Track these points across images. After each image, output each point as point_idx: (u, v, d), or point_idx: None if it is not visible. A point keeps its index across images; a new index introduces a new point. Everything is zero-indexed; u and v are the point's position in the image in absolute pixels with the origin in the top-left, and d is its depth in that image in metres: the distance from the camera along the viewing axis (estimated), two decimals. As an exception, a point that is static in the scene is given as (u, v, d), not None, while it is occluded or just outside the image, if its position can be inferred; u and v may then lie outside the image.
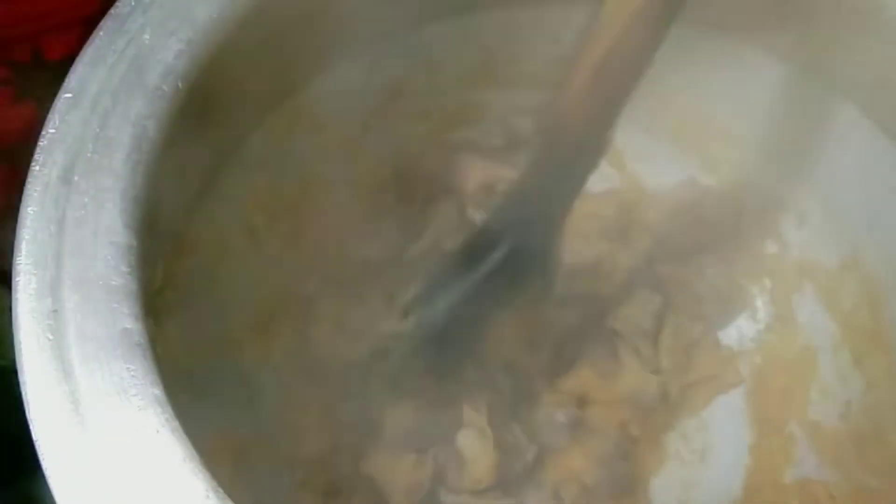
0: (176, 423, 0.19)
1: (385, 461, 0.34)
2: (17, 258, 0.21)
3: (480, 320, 0.35)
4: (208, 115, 0.28)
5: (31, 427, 0.19)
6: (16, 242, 0.21)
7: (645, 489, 0.37)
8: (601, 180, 0.41)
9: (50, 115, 0.23)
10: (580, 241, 0.39)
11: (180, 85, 0.25)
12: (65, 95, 0.23)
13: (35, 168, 0.22)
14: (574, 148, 0.30)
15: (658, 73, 0.28)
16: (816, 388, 0.37)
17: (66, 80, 0.24)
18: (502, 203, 0.34)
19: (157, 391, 0.20)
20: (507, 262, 0.32)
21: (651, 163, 0.41)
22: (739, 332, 0.39)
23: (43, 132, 0.23)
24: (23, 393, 0.19)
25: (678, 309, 0.39)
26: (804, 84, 0.35)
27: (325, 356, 0.36)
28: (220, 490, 0.19)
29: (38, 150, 0.22)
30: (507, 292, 0.34)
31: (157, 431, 0.19)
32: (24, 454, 0.18)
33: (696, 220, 0.39)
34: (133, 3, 0.25)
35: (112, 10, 0.25)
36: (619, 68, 0.28)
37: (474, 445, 0.33)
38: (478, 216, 0.39)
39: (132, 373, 0.20)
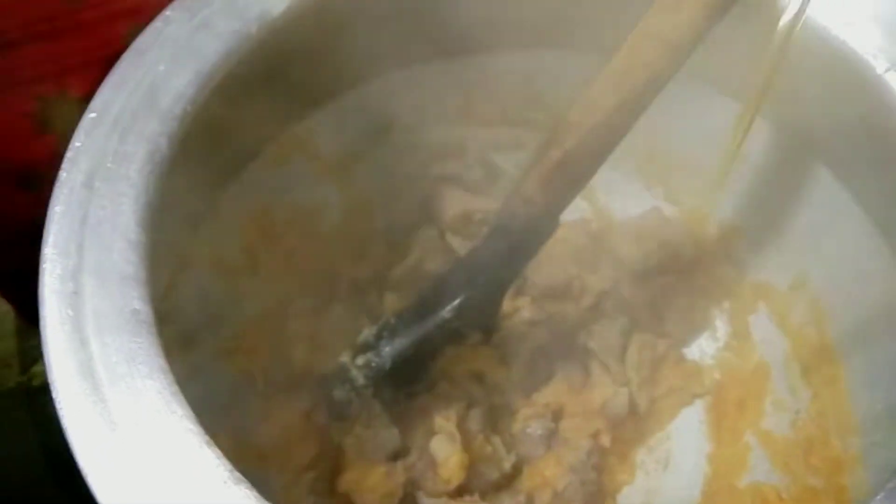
0: (175, 388, 0.23)
1: (358, 472, 0.37)
2: (45, 248, 0.24)
3: (434, 354, 0.38)
4: (213, 139, 0.32)
5: (51, 387, 0.22)
6: (44, 235, 0.25)
7: (613, 495, 0.40)
8: (573, 210, 0.44)
9: (76, 132, 0.27)
10: (553, 266, 0.42)
11: (189, 109, 0.29)
12: (90, 115, 0.27)
13: (62, 175, 0.26)
14: (528, 226, 0.34)
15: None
16: (770, 400, 0.39)
17: (92, 101, 0.28)
18: (462, 262, 0.38)
19: (161, 361, 0.23)
20: (461, 309, 0.36)
21: (619, 195, 0.44)
22: (701, 349, 0.42)
23: (70, 145, 0.26)
24: (45, 359, 0.23)
25: (644, 328, 0.42)
26: (756, 123, 0.39)
27: (301, 371, 0.39)
28: (213, 443, 0.22)
29: (65, 160, 0.26)
30: (458, 333, 0.38)
31: (160, 393, 0.22)
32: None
33: (659, 247, 0.43)
34: (151, 40, 0.29)
35: (133, 45, 0.29)
36: (577, 168, 0.33)
37: (444, 447, 0.36)
38: (456, 242, 0.43)
39: (139, 345, 0.23)
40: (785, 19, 0.31)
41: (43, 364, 0.41)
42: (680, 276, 0.42)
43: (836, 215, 0.37)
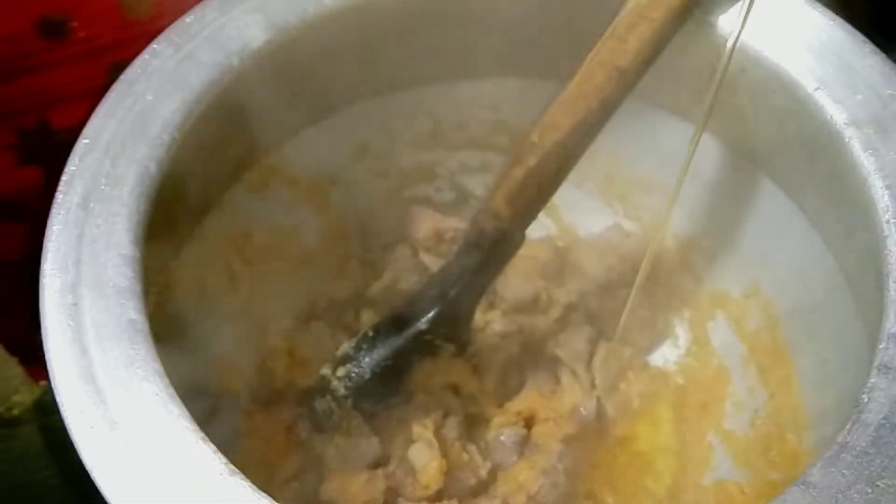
0: (172, 390, 0.24)
1: (341, 481, 0.38)
2: (45, 265, 0.26)
3: (410, 366, 0.40)
4: (197, 164, 0.34)
5: (55, 391, 0.24)
6: (43, 253, 0.26)
7: (585, 497, 0.41)
8: (539, 228, 0.47)
9: (71, 156, 0.29)
10: (521, 281, 0.45)
11: (176, 135, 0.30)
12: (83, 141, 0.29)
13: (59, 196, 0.28)
14: (496, 241, 0.36)
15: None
16: (730, 402, 0.42)
17: (85, 129, 0.29)
18: (435, 277, 0.40)
19: (157, 366, 0.25)
20: (435, 322, 0.38)
21: (582, 213, 0.46)
22: (664, 356, 0.45)
23: (65, 169, 0.28)
24: (48, 366, 0.24)
25: (609, 336, 0.44)
26: (708, 141, 0.42)
27: (283, 386, 0.41)
28: (209, 440, 0.23)
29: (61, 183, 0.28)
30: (432, 345, 0.39)
31: (157, 394, 0.24)
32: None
33: (622, 261, 0.45)
34: (139, 72, 0.31)
35: (122, 76, 0.31)
36: (540, 185, 0.36)
37: (423, 454, 0.38)
38: (429, 260, 0.45)
39: (136, 351, 0.25)
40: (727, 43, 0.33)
41: (22, 395, 0.42)
42: (642, 288, 0.45)
43: (782, 225, 0.39)
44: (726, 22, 0.35)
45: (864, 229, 0.31)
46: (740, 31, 0.33)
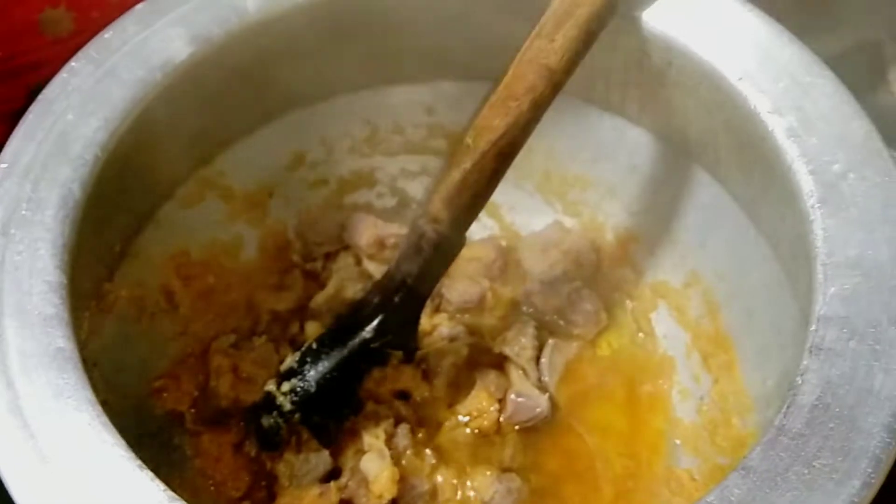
0: (105, 418, 0.23)
1: (292, 497, 0.37)
2: (-37, 296, 0.25)
3: (359, 376, 0.39)
4: (125, 183, 0.33)
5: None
6: (-39, 284, 0.25)
7: (541, 494, 0.42)
8: (481, 229, 0.47)
9: (-13, 184, 0.27)
10: (466, 282, 0.45)
11: (99, 154, 0.30)
12: (1, 166, 0.28)
13: (-23, 225, 0.26)
14: (437, 244, 0.36)
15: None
16: (676, 390, 0.42)
17: (2, 153, 0.28)
18: (377, 284, 0.40)
19: (88, 394, 0.24)
20: (380, 329, 0.38)
21: (523, 212, 0.47)
22: (610, 347, 0.45)
23: (-18, 196, 0.27)
24: (-28, 402, 0.23)
25: (555, 332, 0.44)
26: (642, 136, 0.42)
27: (228, 405, 0.40)
28: (146, 467, 0.23)
29: (-22, 210, 0.27)
30: (379, 353, 0.39)
31: (89, 424, 0.23)
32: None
33: (564, 257, 0.45)
34: (58, 90, 0.30)
35: (40, 96, 0.30)
36: (476, 186, 0.35)
37: (375, 464, 0.37)
38: (372, 267, 0.44)
39: (66, 380, 0.24)
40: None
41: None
42: (584, 282, 0.45)
43: (718, 214, 0.40)
44: (651, 17, 0.36)
45: (793, 215, 0.32)
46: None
